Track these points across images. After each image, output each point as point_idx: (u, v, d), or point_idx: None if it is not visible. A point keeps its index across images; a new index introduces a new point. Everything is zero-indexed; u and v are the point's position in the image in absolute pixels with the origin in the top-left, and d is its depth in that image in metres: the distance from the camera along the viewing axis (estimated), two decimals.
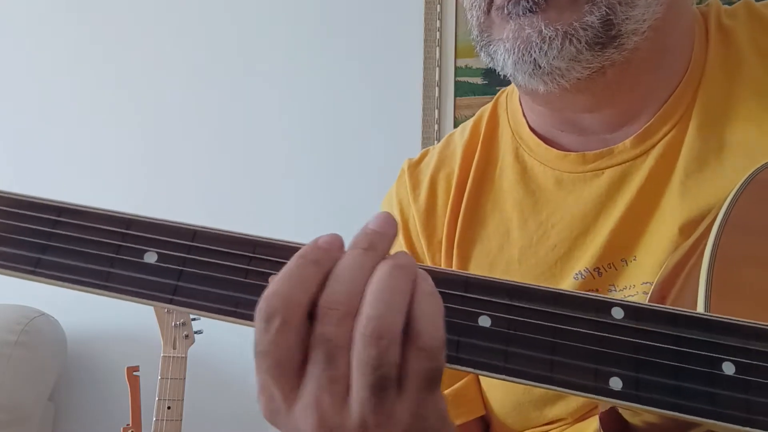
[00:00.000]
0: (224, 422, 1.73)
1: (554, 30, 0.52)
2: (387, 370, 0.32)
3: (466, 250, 0.65)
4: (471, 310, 0.36)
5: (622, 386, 0.35)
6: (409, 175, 0.71)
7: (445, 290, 0.35)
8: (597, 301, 0.36)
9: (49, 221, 0.37)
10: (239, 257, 0.36)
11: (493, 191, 0.65)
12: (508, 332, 0.35)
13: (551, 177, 0.62)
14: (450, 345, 0.35)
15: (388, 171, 1.67)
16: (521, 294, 0.36)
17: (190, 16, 1.86)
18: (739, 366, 0.35)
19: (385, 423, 0.33)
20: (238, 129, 1.82)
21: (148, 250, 0.35)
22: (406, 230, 0.69)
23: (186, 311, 0.34)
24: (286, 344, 0.33)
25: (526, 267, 0.61)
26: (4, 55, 1.91)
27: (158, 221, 0.37)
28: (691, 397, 0.34)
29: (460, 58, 1.74)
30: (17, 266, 0.35)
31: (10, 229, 0.37)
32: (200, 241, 0.36)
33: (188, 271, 0.35)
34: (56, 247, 0.36)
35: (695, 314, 0.37)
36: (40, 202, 0.37)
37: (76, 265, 0.35)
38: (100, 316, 1.78)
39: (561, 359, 0.35)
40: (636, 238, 0.57)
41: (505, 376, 0.35)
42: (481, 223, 0.65)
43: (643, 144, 0.58)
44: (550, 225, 0.61)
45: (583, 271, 0.58)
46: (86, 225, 0.36)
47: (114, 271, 0.35)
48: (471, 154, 0.68)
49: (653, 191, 0.57)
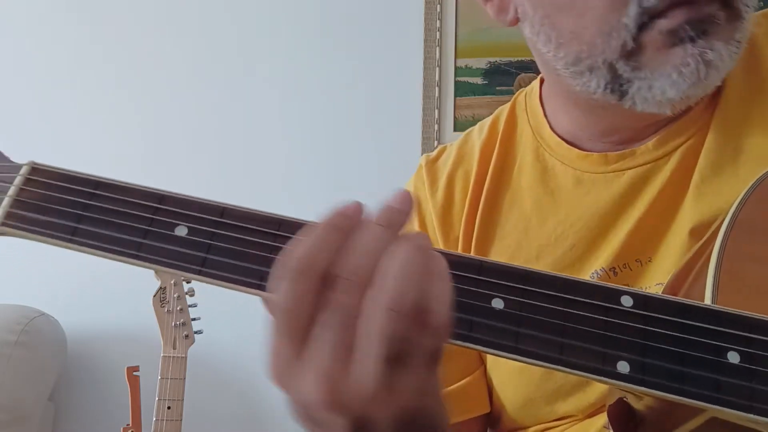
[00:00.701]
0: (224, 422, 1.72)
1: (729, 54, 0.54)
2: (399, 344, 0.33)
3: (484, 247, 0.66)
4: (485, 292, 0.37)
5: (629, 370, 0.36)
6: (427, 171, 0.72)
7: (460, 273, 0.37)
8: (607, 288, 0.38)
9: (87, 194, 0.39)
10: (265, 234, 0.37)
11: (511, 189, 0.66)
12: (520, 314, 0.36)
13: (571, 177, 0.63)
14: (464, 324, 0.36)
15: (388, 171, 1.69)
16: (534, 279, 0.37)
17: (190, 16, 1.87)
18: (743, 355, 0.36)
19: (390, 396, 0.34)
20: (237, 129, 1.82)
21: (179, 224, 0.37)
22: (422, 225, 0.69)
23: (213, 283, 0.36)
24: (303, 305, 0.34)
25: (543, 265, 0.62)
26: (4, 55, 1.91)
27: (189, 198, 0.39)
28: (695, 383, 0.36)
29: (460, 58, 1.75)
30: (55, 234, 0.37)
31: (50, 199, 0.39)
32: (228, 217, 0.38)
33: (216, 245, 0.37)
34: (92, 218, 0.38)
35: (702, 305, 0.38)
36: (79, 175, 0.40)
37: (110, 235, 0.37)
38: (100, 316, 1.79)
39: (570, 342, 0.36)
40: (652, 240, 0.58)
41: (516, 356, 0.36)
42: (499, 221, 0.66)
43: (665, 146, 0.60)
44: (569, 224, 0.62)
45: (599, 270, 0.59)
46: (121, 198, 0.38)
47: (146, 242, 0.37)
48: (489, 152, 0.69)
49: (672, 194, 0.58)
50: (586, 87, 0.58)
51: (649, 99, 0.56)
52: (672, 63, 0.54)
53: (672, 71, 0.54)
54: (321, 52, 1.81)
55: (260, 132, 1.82)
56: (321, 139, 1.79)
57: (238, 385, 1.74)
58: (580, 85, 0.58)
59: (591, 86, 0.57)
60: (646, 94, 0.55)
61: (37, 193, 0.39)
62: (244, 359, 1.73)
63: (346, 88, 1.79)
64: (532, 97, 0.70)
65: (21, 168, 0.41)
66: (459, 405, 0.65)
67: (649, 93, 0.55)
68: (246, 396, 1.75)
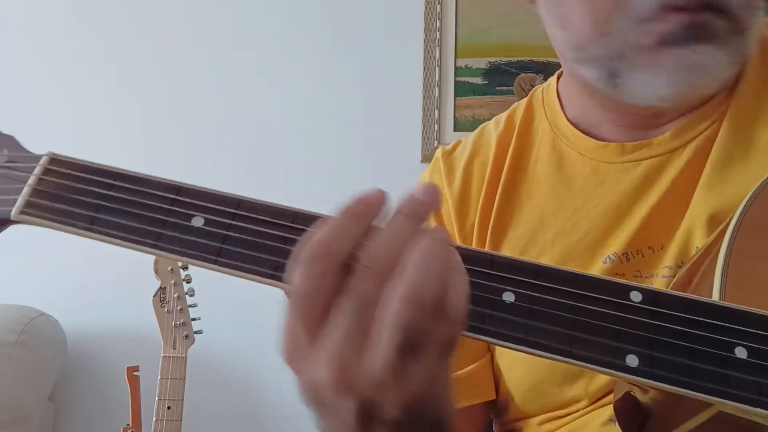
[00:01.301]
0: (224, 422, 1.72)
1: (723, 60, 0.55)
2: (414, 334, 0.34)
3: (499, 236, 0.67)
4: (496, 285, 0.37)
5: (638, 363, 0.36)
6: (444, 161, 0.73)
7: (471, 267, 0.37)
8: (616, 284, 0.38)
9: (106, 184, 0.39)
10: (279, 226, 0.38)
11: (527, 179, 0.67)
12: (531, 308, 0.37)
13: (588, 166, 0.64)
14: (476, 317, 0.36)
15: (388, 171, 1.69)
16: (544, 274, 0.38)
17: (190, 16, 1.87)
18: (751, 351, 0.37)
19: (400, 383, 0.35)
20: (238, 130, 1.83)
21: (195, 215, 0.38)
22: (438, 214, 0.70)
23: (229, 273, 0.36)
24: (321, 289, 0.35)
25: (558, 252, 0.63)
26: (4, 55, 1.92)
27: (206, 189, 0.39)
28: (703, 377, 0.36)
29: (460, 58, 1.76)
30: (75, 222, 0.38)
31: (69, 189, 0.39)
32: (244, 209, 0.38)
33: (232, 236, 0.37)
34: (111, 208, 0.38)
35: (710, 301, 0.39)
36: (99, 167, 0.40)
37: (128, 225, 0.37)
38: (100, 316, 1.79)
39: (580, 335, 0.37)
40: (665, 229, 0.59)
41: (527, 348, 0.36)
42: (515, 210, 0.67)
43: (682, 137, 0.60)
44: (585, 212, 0.63)
45: (612, 255, 0.60)
46: (139, 189, 0.39)
47: (164, 232, 0.37)
48: (506, 144, 0.70)
49: (686, 184, 0.59)
50: (588, 74, 0.60)
51: (641, 95, 0.58)
52: (662, 64, 0.56)
53: (661, 72, 0.56)
54: (321, 52, 1.81)
55: (260, 131, 1.82)
56: (321, 139, 1.80)
57: (238, 385, 1.74)
58: (584, 72, 0.61)
59: (591, 75, 0.60)
60: (637, 90, 0.58)
61: (56, 183, 0.40)
62: (244, 359, 1.73)
63: (346, 88, 1.80)
64: (549, 91, 0.71)
65: (40, 158, 0.42)
66: (466, 390, 0.65)
67: (640, 90, 0.58)
68: (246, 396, 1.75)
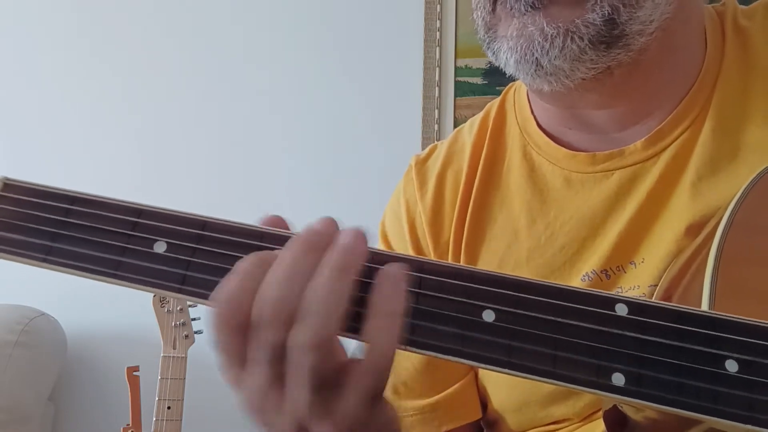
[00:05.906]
0: (224, 422, 1.72)
1: (556, 28, 0.51)
2: (328, 373, 0.33)
3: (474, 250, 0.64)
4: (476, 303, 0.36)
5: (624, 382, 0.35)
6: (416, 172, 0.70)
7: (450, 281, 0.36)
8: (601, 297, 0.36)
9: (62, 210, 0.37)
10: (247, 247, 0.36)
11: (500, 190, 0.65)
12: (512, 327, 0.35)
13: (560, 176, 0.61)
14: (455, 339, 0.35)
15: (388, 171, 1.68)
16: (525, 289, 0.36)
17: (189, 16, 1.86)
18: (742, 364, 0.35)
19: (328, 417, 0.34)
20: (237, 130, 1.82)
21: (158, 239, 0.36)
22: (412, 229, 0.68)
23: (195, 301, 0.35)
24: (233, 345, 0.34)
25: (534, 267, 0.60)
26: (4, 55, 1.91)
27: (168, 211, 0.37)
28: (693, 395, 0.34)
29: (460, 58, 1.74)
30: (30, 254, 0.35)
31: (23, 217, 0.37)
32: (210, 230, 0.37)
33: (197, 262, 0.36)
34: (68, 236, 0.36)
35: (699, 312, 0.37)
36: (54, 191, 0.38)
37: (87, 254, 0.35)
38: (100, 316, 1.79)
39: (564, 354, 0.35)
40: (644, 241, 0.56)
41: (509, 370, 0.35)
42: (488, 223, 0.64)
43: (655, 146, 0.58)
44: (558, 225, 0.60)
45: (590, 272, 0.58)
46: (98, 214, 0.37)
47: (124, 260, 0.35)
48: (479, 149, 0.67)
49: (663, 194, 0.57)
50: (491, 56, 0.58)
51: (514, 74, 0.56)
52: (503, 34, 0.55)
53: (503, 43, 0.54)
54: (321, 53, 1.81)
55: (260, 132, 1.81)
56: (321, 139, 1.79)
57: None
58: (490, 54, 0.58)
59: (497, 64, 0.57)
60: (507, 69, 0.56)
61: (8, 210, 0.37)
62: None
63: (346, 88, 1.79)
64: (520, 92, 0.68)
65: None
66: (450, 412, 0.64)
67: (505, 68, 0.56)
68: None
